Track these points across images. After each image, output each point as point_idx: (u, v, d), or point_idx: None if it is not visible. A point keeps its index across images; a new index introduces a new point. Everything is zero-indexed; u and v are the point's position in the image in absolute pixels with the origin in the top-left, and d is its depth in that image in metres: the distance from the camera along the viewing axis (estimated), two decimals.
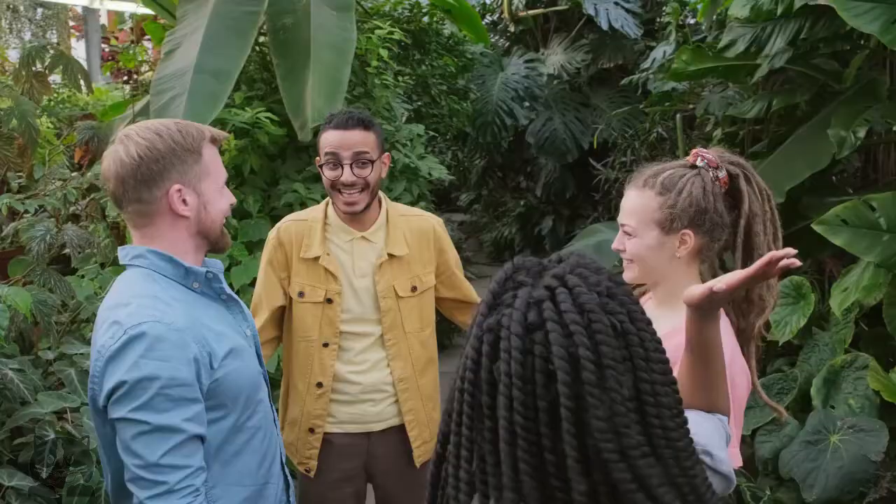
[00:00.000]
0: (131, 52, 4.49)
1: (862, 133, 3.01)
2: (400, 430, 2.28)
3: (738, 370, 1.59)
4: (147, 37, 7.44)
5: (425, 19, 5.85)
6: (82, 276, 3.03)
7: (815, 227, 2.85)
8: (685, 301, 1.27)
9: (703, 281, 1.68)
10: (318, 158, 2.19)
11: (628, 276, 1.69)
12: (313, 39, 3.65)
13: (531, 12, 7.48)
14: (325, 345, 2.18)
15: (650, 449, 0.83)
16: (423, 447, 2.30)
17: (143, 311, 1.40)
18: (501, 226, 7.78)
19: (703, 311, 1.24)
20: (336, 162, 2.10)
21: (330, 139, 2.13)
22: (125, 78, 6.70)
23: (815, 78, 3.69)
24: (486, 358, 0.83)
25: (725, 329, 1.63)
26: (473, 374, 0.84)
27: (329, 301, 2.16)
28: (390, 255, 2.20)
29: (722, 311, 1.64)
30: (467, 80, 6.40)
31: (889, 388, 2.77)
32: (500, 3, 7.98)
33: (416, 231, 2.28)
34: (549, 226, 7.20)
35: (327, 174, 2.12)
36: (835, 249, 3.60)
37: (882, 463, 2.58)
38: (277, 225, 2.28)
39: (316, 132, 3.44)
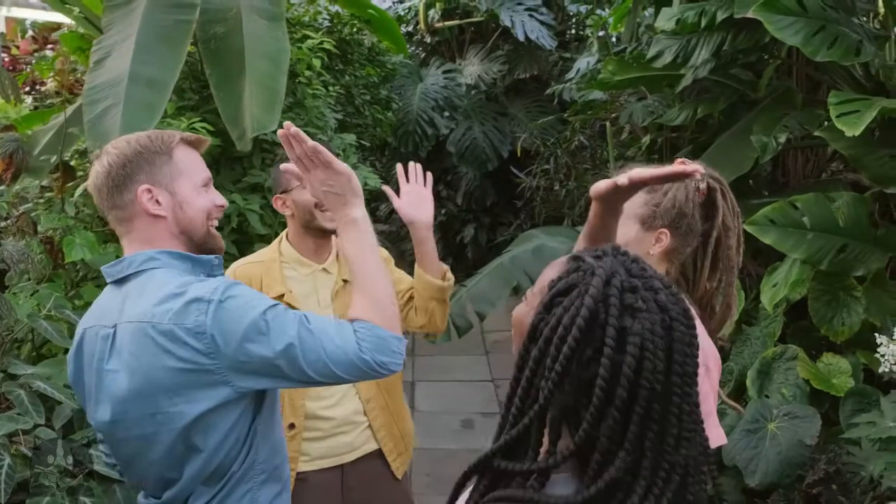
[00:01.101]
0: (47, 61, 4.30)
1: (783, 138, 3.21)
2: (374, 455, 2.28)
3: (711, 357, 1.70)
4: (50, 45, 7.16)
5: (345, 29, 5.86)
6: (14, 294, 2.90)
7: (747, 228, 3.01)
8: (592, 195, 1.48)
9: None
10: (283, 195, 2.22)
11: None
12: (247, 49, 3.61)
13: (447, 23, 7.58)
14: None
15: None
16: (398, 459, 2.32)
17: (203, 285, 1.43)
18: None
19: (608, 204, 1.45)
20: None
21: None
22: (27, 88, 6.42)
23: (730, 87, 3.91)
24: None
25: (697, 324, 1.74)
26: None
27: None
28: (345, 281, 2.24)
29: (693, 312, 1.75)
30: (388, 90, 6.44)
31: (817, 377, 2.97)
32: (414, 14, 8.05)
33: None
34: (471, 234, 7.30)
35: (313, 194, 2.14)
36: (753, 249, 3.83)
37: (816, 446, 2.76)
38: (231, 268, 2.26)
39: (254, 141, 3.43)
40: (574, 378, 0.97)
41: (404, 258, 8.17)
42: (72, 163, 3.66)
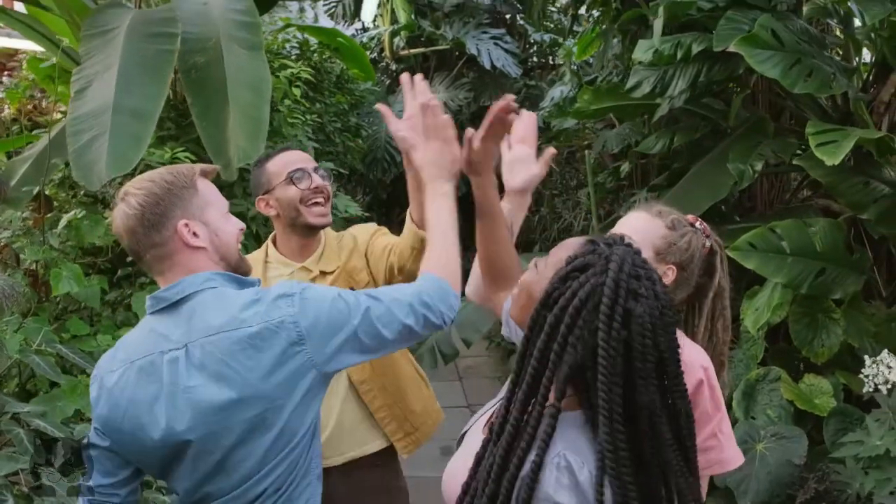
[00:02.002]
0: (16, 89, 4.23)
1: (759, 166, 3.32)
2: (364, 461, 2.25)
3: (714, 378, 1.76)
4: (7, 72, 7.02)
5: (314, 57, 5.89)
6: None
7: (730, 253, 3.09)
8: (463, 168, 1.68)
9: None
10: (265, 195, 2.24)
11: None
12: (228, 79, 3.60)
13: (412, 51, 7.66)
14: None
15: None
16: (406, 439, 2.30)
17: (279, 286, 1.52)
18: None
19: (475, 171, 1.67)
20: (304, 173, 2.21)
21: (288, 159, 2.26)
22: None
23: (700, 115, 4.03)
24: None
25: (695, 346, 1.79)
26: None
27: None
28: (322, 272, 2.25)
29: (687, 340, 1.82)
30: (357, 117, 6.47)
31: (801, 397, 3.05)
32: (378, 41, 8.12)
33: (345, 246, 2.32)
34: None
35: (300, 187, 2.19)
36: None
37: (805, 466, 2.83)
38: None
39: (240, 171, 3.42)
40: (583, 343, 1.16)
41: None
42: (47, 192, 3.60)
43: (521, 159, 1.85)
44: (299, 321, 1.46)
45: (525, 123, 1.89)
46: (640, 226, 1.78)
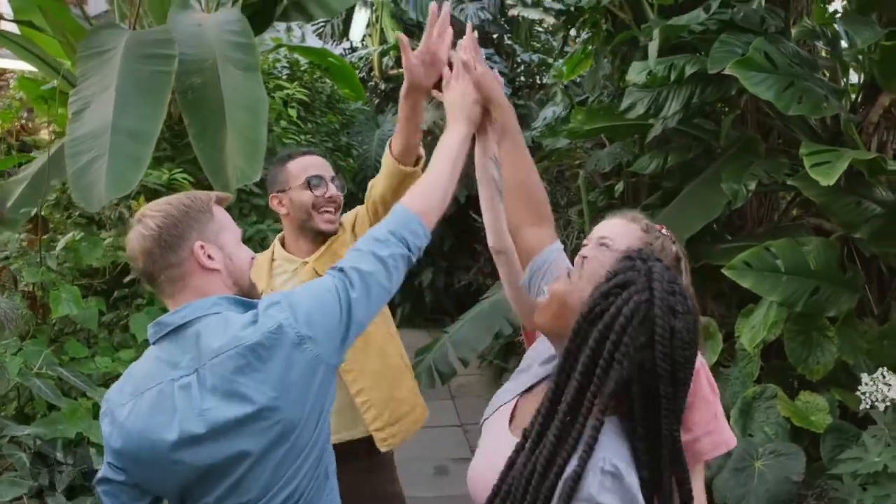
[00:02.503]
0: (12, 108, 4.22)
1: (753, 185, 3.36)
2: (353, 450, 2.22)
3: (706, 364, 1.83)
4: None
5: (305, 76, 5.91)
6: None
7: (726, 272, 3.14)
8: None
9: None
10: (280, 194, 2.30)
11: None
12: (226, 100, 3.61)
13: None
14: None
15: None
16: (385, 430, 2.25)
17: (266, 298, 1.55)
18: None
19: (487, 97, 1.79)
20: (321, 180, 2.26)
21: (309, 163, 2.30)
22: None
23: (691, 135, 4.09)
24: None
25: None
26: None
27: None
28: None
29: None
30: (347, 136, 6.49)
31: (797, 415, 3.08)
32: (367, 61, 8.15)
33: (339, 240, 2.33)
34: (429, 278, 7.34)
35: (316, 193, 2.24)
36: (716, 292, 3.98)
37: (803, 482, 2.86)
38: None
39: (238, 192, 3.42)
40: (630, 359, 1.22)
41: None
42: (42, 213, 3.58)
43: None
44: (294, 323, 1.49)
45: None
46: (619, 230, 1.83)
